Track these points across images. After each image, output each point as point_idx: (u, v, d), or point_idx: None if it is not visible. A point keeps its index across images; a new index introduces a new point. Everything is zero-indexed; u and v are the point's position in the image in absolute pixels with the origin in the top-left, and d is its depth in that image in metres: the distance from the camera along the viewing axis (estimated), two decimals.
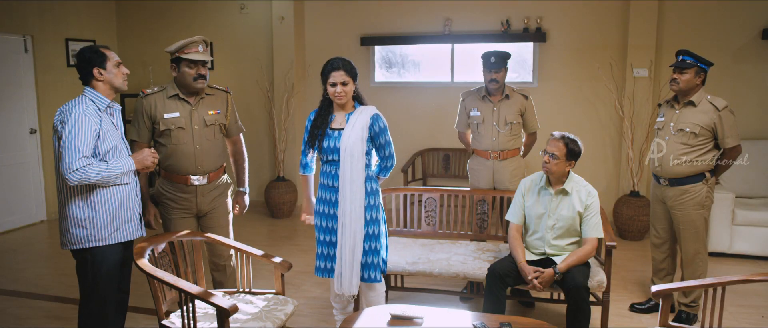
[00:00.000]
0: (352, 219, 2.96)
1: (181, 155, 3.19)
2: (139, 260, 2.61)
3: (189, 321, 2.48)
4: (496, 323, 2.59)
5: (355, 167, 2.95)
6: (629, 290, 4.22)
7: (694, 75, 3.43)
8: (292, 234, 5.81)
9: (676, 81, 3.47)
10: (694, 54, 3.43)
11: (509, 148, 4.01)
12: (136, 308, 3.96)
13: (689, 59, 3.43)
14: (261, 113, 6.82)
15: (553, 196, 3.23)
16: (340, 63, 2.95)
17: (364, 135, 2.95)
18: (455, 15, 6.19)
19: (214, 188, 3.33)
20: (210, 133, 3.27)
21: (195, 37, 3.17)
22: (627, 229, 5.46)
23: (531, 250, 3.32)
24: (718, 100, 3.43)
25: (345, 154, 2.95)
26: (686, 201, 3.53)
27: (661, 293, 2.65)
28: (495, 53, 3.88)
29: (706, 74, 3.48)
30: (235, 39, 6.80)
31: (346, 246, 2.97)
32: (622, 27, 5.73)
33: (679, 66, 3.45)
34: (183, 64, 3.14)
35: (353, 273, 2.98)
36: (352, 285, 2.99)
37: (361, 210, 2.96)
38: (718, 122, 3.40)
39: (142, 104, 3.18)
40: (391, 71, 6.70)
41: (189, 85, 3.17)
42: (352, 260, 2.97)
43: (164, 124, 3.15)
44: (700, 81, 3.46)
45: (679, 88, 3.47)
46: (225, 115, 3.38)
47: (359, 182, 2.96)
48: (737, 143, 3.44)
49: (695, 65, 3.42)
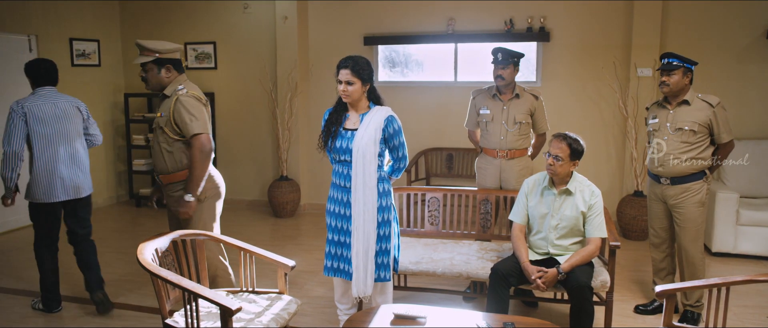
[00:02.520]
0: (365, 221, 2.96)
1: None
2: (143, 259, 2.61)
3: (192, 320, 2.49)
4: (499, 322, 2.59)
5: (367, 168, 2.94)
6: (633, 290, 4.21)
7: (681, 75, 3.49)
8: (295, 234, 5.82)
9: (665, 83, 3.52)
10: (679, 55, 3.49)
11: (517, 148, 4.01)
12: (139, 307, 3.97)
13: (675, 61, 3.48)
14: (264, 113, 6.83)
15: (556, 196, 3.22)
16: (348, 62, 2.95)
17: (378, 136, 2.93)
18: (458, 14, 6.19)
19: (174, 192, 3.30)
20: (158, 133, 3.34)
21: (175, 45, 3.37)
22: (630, 229, 5.45)
23: (534, 250, 3.31)
24: (711, 97, 3.50)
25: (357, 155, 2.94)
26: (688, 199, 3.54)
27: (665, 293, 2.64)
28: (502, 49, 3.87)
29: (693, 73, 3.53)
30: (238, 39, 6.81)
31: (361, 248, 2.97)
32: (626, 27, 5.72)
33: (667, 69, 3.50)
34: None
35: (368, 274, 2.99)
36: (368, 286, 3.00)
37: (373, 212, 2.96)
38: (714, 118, 3.47)
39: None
40: (394, 71, 6.70)
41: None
42: (365, 261, 2.98)
43: None
44: (688, 80, 3.52)
45: (670, 90, 3.52)
46: (168, 117, 3.22)
47: (372, 183, 2.95)
48: (731, 138, 3.53)
49: (682, 66, 3.47)
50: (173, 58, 3.29)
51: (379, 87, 3.06)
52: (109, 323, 3.73)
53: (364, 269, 2.98)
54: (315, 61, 6.65)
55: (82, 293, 4.09)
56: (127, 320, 3.77)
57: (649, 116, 3.75)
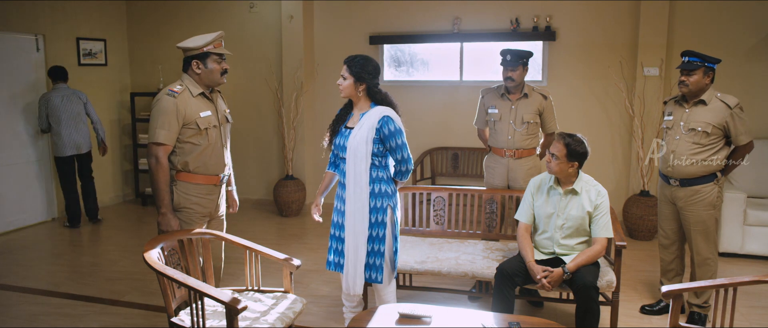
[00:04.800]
0: (356, 220, 2.96)
1: (214, 154, 3.11)
2: (149, 258, 2.62)
3: (198, 319, 2.49)
4: (504, 322, 2.58)
5: (358, 167, 2.94)
6: (639, 290, 4.20)
7: (702, 75, 3.37)
8: (300, 232, 5.83)
9: (684, 83, 3.41)
10: (700, 54, 3.37)
11: (525, 148, 4.00)
12: (146, 305, 3.99)
13: (696, 60, 3.36)
14: (270, 112, 6.84)
15: (562, 195, 3.21)
16: (348, 59, 2.99)
17: (370, 136, 2.92)
18: (464, 14, 6.18)
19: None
20: (228, 129, 3.27)
21: (221, 32, 3.13)
22: (637, 229, 5.43)
23: (540, 249, 3.30)
24: (729, 98, 3.38)
25: (350, 154, 2.95)
26: (697, 202, 3.49)
27: (672, 294, 2.63)
28: (511, 51, 3.85)
29: (715, 72, 3.42)
30: (244, 38, 6.82)
31: (350, 246, 2.98)
32: (633, 26, 5.69)
33: (687, 68, 3.39)
34: (211, 60, 3.04)
35: (357, 273, 2.98)
36: (356, 285, 3.00)
37: (364, 212, 2.96)
38: (731, 120, 3.35)
39: (175, 104, 2.95)
40: (400, 70, 6.70)
41: (216, 80, 3.08)
42: (355, 259, 2.98)
43: (203, 123, 3.03)
44: (709, 80, 3.40)
45: (689, 90, 3.41)
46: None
47: (363, 182, 2.95)
48: (750, 140, 3.40)
49: (702, 65, 3.36)
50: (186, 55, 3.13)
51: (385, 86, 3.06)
52: (115, 321, 3.75)
53: (354, 268, 2.98)
54: (321, 61, 6.66)
55: (84, 291, 4.18)
56: (133, 319, 3.78)
57: (665, 112, 3.66)
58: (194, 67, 3.05)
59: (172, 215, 3.00)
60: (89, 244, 5.55)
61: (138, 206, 7.02)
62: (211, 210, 3.19)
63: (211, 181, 3.13)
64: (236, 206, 3.48)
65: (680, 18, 5.58)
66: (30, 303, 4.04)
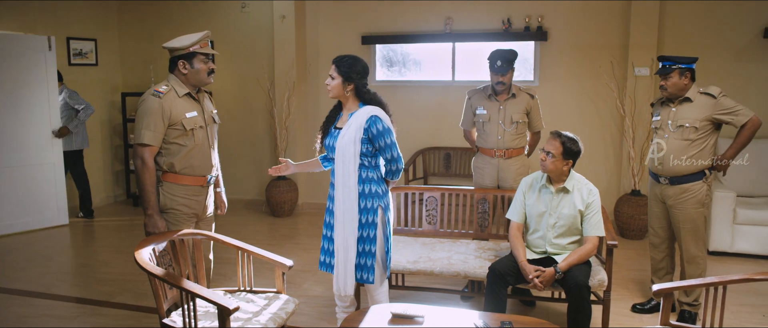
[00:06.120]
0: (345, 220, 2.95)
1: (201, 155, 3.09)
2: (141, 259, 2.61)
3: (190, 320, 2.48)
4: (497, 322, 2.59)
5: (347, 167, 2.93)
6: (630, 289, 4.22)
7: (679, 77, 3.47)
8: (293, 233, 5.82)
9: (663, 87, 3.53)
10: (673, 56, 3.47)
11: (514, 147, 4.01)
12: (137, 306, 3.97)
13: (669, 63, 3.47)
14: (262, 112, 6.82)
15: (554, 194, 3.22)
16: (337, 58, 2.98)
17: (358, 136, 2.91)
18: (456, 14, 6.18)
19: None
20: (215, 130, 3.24)
21: (207, 31, 3.11)
22: (628, 228, 5.46)
23: (532, 249, 3.31)
24: (712, 88, 3.47)
25: (338, 155, 2.95)
26: (687, 200, 3.53)
27: (662, 292, 2.65)
28: (501, 56, 3.83)
29: (693, 71, 3.50)
30: (236, 38, 6.80)
31: (340, 246, 2.98)
32: (624, 26, 5.72)
33: (662, 72, 3.50)
34: (198, 60, 3.03)
35: (347, 274, 2.98)
36: (347, 285, 2.99)
37: (353, 212, 2.95)
38: (720, 108, 3.43)
39: (160, 104, 2.93)
40: (392, 70, 6.70)
41: (202, 80, 3.07)
42: (345, 260, 2.97)
43: (188, 124, 3.01)
44: (688, 79, 3.49)
45: (669, 92, 3.52)
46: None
47: (351, 183, 2.94)
48: (751, 115, 3.43)
49: (678, 67, 3.45)
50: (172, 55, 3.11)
51: (377, 86, 3.06)
52: (106, 322, 3.73)
53: (344, 268, 2.98)
54: (313, 61, 6.64)
55: (81, 293, 4.15)
56: (124, 320, 3.76)
57: (653, 113, 3.73)
58: (180, 67, 3.04)
59: (158, 216, 2.99)
60: (80, 245, 5.51)
61: (129, 207, 6.98)
62: (199, 211, 3.17)
63: (197, 182, 3.11)
64: (225, 207, 3.46)
65: (671, 18, 5.61)
66: (18, 305, 4.01)
